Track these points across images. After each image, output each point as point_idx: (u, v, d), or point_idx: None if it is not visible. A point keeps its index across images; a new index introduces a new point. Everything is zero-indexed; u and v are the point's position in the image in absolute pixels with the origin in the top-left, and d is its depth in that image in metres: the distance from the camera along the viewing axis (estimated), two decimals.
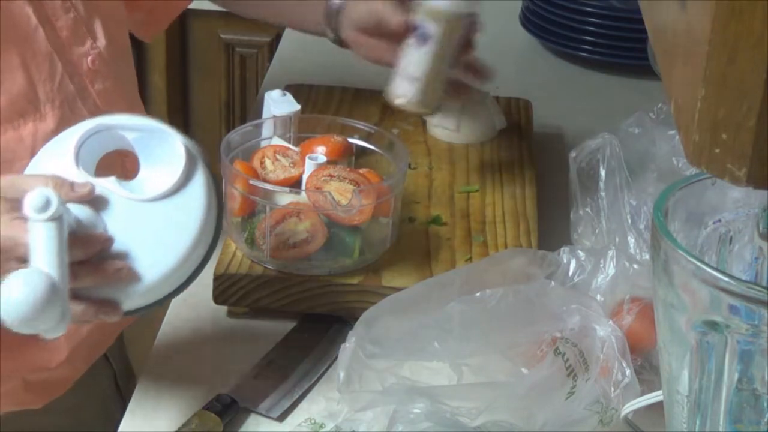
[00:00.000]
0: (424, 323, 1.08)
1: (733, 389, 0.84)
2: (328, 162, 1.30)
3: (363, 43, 1.37)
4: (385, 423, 1.01)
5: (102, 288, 0.97)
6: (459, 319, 1.07)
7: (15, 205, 0.94)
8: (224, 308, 1.27)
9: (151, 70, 2.43)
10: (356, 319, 1.10)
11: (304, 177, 1.28)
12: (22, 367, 1.21)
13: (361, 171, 1.29)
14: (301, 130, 1.37)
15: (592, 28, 1.89)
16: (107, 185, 0.99)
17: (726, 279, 0.79)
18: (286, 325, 1.26)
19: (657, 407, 0.98)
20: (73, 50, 1.16)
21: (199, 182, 1.01)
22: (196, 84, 2.48)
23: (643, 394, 1.05)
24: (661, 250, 0.84)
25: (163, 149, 1.01)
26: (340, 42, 1.40)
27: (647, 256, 1.20)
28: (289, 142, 1.34)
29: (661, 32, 0.78)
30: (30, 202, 0.92)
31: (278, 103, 1.40)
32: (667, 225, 0.86)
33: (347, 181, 1.25)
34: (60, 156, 1.00)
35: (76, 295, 0.95)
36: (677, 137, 1.30)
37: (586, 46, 1.89)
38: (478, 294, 1.09)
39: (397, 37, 1.33)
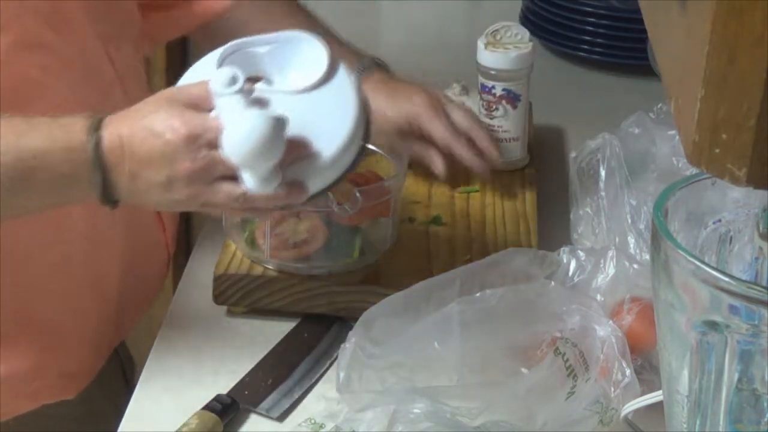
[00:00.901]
0: (424, 323, 1.08)
1: (733, 389, 0.84)
2: None
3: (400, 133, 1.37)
4: (385, 423, 1.01)
5: (287, 170, 1.02)
6: (459, 319, 1.07)
7: (190, 106, 1.01)
8: (224, 308, 1.27)
9: (151, 71, 2.43)
10: (356, 319, 1.10)
11: None
12: (50, 362, 1.22)
13: (361, 171, 1.29)
14: None
15: (591, 28, 1.89)
16: (261, 87, 1.05)
17: (726, 279, 0.79)
18: (286, 325, 1.26)
19: (657, 407, 0.98)
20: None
21: (343, 73, 1.07)
22: None
23: (643, 394, 1.05)
24: (661, 250, 0.84)
25: (301, 54, 1.07)
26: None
27: (647, 256, 1.20)
28: None
29: (660, 32, 0.78)
30: (218, 79, 1.00)
31: None
32: (667, 225, 0.86)
33: (347, 181, 1.25)
34: (204, 76, 1.04)
35: None
36: (677, 137, 1.30)
37: (586, 46, 1.89)
38: (478, 294, 1.09)
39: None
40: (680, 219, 0.90)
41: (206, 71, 1.05)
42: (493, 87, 1.45)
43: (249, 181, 1.00)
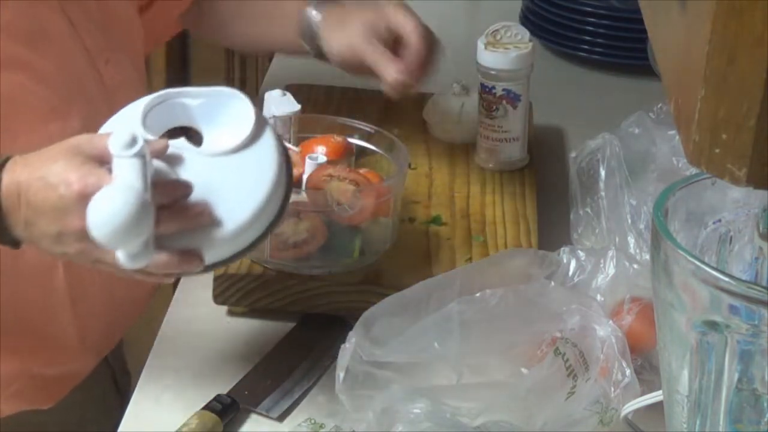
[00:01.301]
0: (424, 323, 1.08)
1: (733, 389, 0.84)
2: (328, 162, 1.29)
3: (350, 65, 1.35)
4: (385, 423, 1.01)
5: (184, 237, 0.98)
6: (459, 319, 1.07)
7: (93, 158, 0.97)
8: (224, 308, 1.27)
9: (151, 70, 2.43)
10: (356, 319, 1.10)
11: (304, 177, 1.28)
12: (31, 365, 1.22)
13: (361, 171, 1.29)
14: (301, 130, 1.37)
15: (591, 28, 1.89)
16: (179, 144, 1.00)
17: (726, 279, 0.79)
18: (286, 325, 1.26)
19: (657, 407, 0.98)
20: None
21: (269, 136, 1.02)
22: (196, 84, 2.48)
23: (643, 394, 1.05)
24: (661, 250, 0.84)
25: (229, 111, 1.03)
26: (323, 56, 1.37)
27: (647, 256, 1.20)
28: (289, 142, 1.34)
29: (660, 32, 0.78)
30: (116, 140, 0.94)
31: (278, 103, 1.40)
32: (667, 225, 0.86)
33: (347, 181, 1.25)
34: (127, 125, 1.00)
35: (159, 245, 0.96)
36: (677, 137, 1.30)
37: (586, 46, 1.89)
38: (478, 294, 1.09)
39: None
40: (680, 219, 0.90)
41: (130, 120, 1.02)
42: (493, 87, 1.45)
43: (120, 256, 0.94)
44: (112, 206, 0.91)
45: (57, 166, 0.97)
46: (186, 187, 0.98)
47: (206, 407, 1.12)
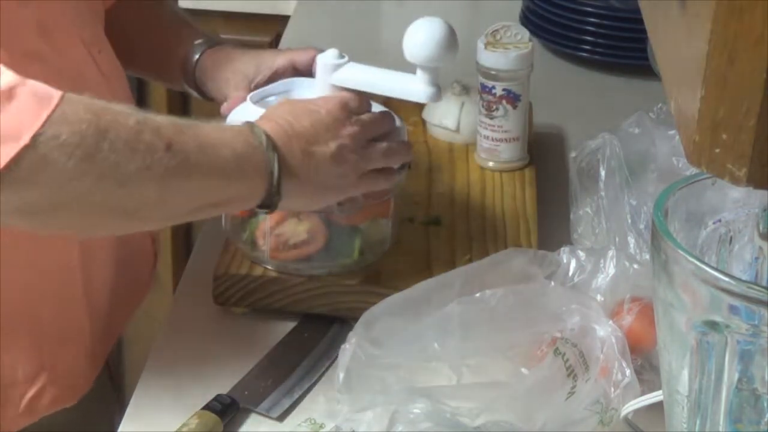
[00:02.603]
0: (424, 324, 1.08)
1: (733, 389, 0.84)
2: None
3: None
4: (385, 423, 1.01)
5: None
6: (459, 319, 1.07)
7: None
8: (224, 308, 1.27)
9: None
10: (356, 319, 1.10)
11: None
12: (50, 361, 1.21)
13: None
14: None
15: (591, 28, 1.89)
16: None
17: (726, 279, 0.79)
18: (286, 325, 1.26)
19: (657, 407, 0.98)
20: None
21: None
22: None
23: (643, 394, 1.05)
24: (661, 250, 0.84)
25: None
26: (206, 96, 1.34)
27: (647, 256, 1.20)
28: None
29: (660, 32, 0.78)
30: (327, 55, 1.17)
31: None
32: (667, 225, 0.86)
33: None
34: (244, 116, 1.14)
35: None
36: (677, 137, 1.30)
37: (586, 46, 1.89)
38: (477, 294, 1.09)
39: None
40: (680, 219, 0.90)
41: (246, 109, 1.18)
42: (493, 87, 1.45)
43: (426, 87, 1.15)
44: (431, 29, 1.15)
45: (301, 103, 1.12)
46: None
47: (206, 407, 1.12)
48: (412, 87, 1.17)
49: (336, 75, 1.17)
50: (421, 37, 1.15)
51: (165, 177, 0.98)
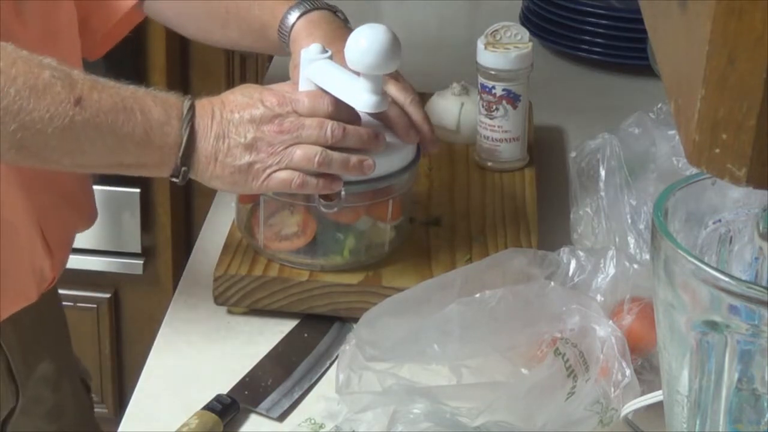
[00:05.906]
0: (424, 324, 1.08)
1: (733, 389, 0.84)
2: None
3: None
4: (385, 423, 1.01)
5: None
6: (459, 320, 1.07)
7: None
8: (224, 308, 1.27)
9: (151, 70, 2.43)
10: (356, 320, 1.10)
11: None
12: None
13: None
14: None
15: (591, 28, 1.89)
16: None
17: (726, 279, 0.79)
18: (286, 325, 1.26)
19: (657, 407, 0.98)
20: None
21: None
22: (196, 84, 2.48)
23: (643, 394, 1.05)
24: (661, 250, 0.84)
25: None
26: None
27: (647, 256, 1.20)
28: None
29: (660, 32, 0.78)
30: (310, 49, 1.17)
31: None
32: (667, 225, 0.86)
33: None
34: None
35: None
36: (677, 137, 1.30)
37: (586, 46, 1.89)
38: (477, 295, 1.09)
39: None
40: (680, 219, 0.90)
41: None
42: (493, 87, 1.45)
43: (368, 95, 1.13)
44: (373, 37, 1.12)
45: (247, 89, 1.15)
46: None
47: (206, 407, 1.12)
48: (356, 95, 1.14)
49: (307, 69, 1.17)
50: (363, 44, 1.12)
51: (69, 128, 1.05)
